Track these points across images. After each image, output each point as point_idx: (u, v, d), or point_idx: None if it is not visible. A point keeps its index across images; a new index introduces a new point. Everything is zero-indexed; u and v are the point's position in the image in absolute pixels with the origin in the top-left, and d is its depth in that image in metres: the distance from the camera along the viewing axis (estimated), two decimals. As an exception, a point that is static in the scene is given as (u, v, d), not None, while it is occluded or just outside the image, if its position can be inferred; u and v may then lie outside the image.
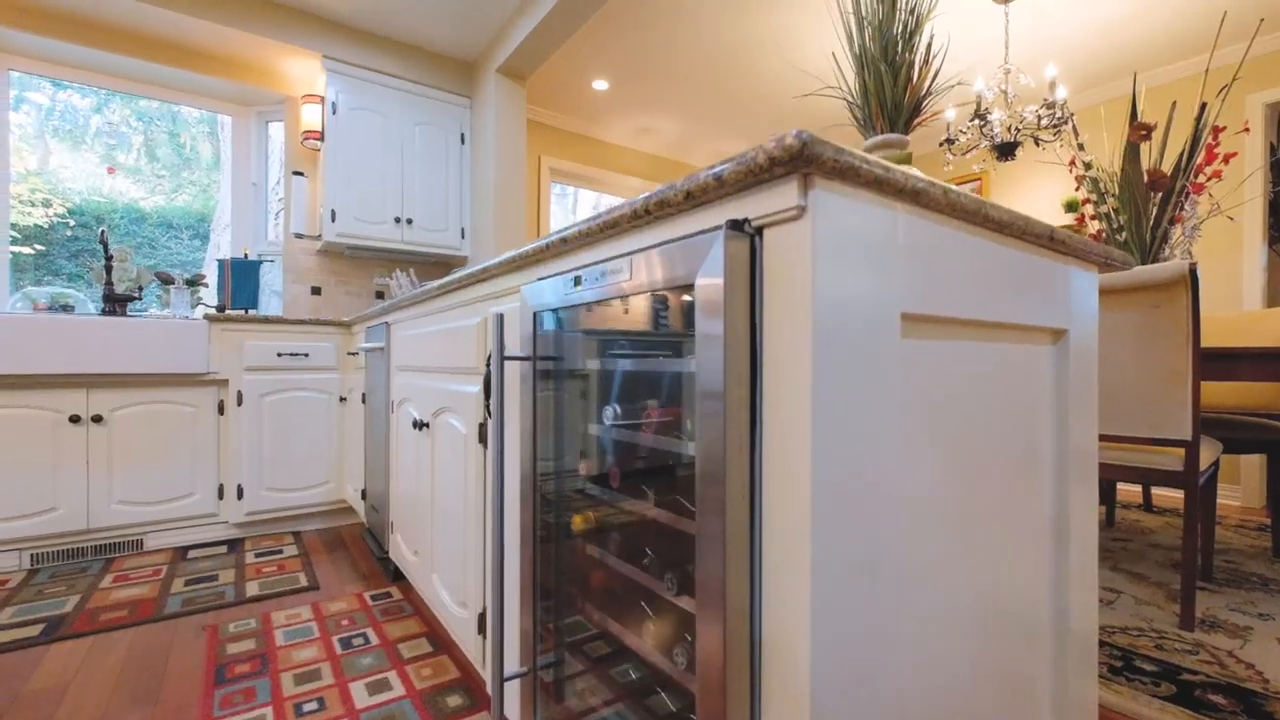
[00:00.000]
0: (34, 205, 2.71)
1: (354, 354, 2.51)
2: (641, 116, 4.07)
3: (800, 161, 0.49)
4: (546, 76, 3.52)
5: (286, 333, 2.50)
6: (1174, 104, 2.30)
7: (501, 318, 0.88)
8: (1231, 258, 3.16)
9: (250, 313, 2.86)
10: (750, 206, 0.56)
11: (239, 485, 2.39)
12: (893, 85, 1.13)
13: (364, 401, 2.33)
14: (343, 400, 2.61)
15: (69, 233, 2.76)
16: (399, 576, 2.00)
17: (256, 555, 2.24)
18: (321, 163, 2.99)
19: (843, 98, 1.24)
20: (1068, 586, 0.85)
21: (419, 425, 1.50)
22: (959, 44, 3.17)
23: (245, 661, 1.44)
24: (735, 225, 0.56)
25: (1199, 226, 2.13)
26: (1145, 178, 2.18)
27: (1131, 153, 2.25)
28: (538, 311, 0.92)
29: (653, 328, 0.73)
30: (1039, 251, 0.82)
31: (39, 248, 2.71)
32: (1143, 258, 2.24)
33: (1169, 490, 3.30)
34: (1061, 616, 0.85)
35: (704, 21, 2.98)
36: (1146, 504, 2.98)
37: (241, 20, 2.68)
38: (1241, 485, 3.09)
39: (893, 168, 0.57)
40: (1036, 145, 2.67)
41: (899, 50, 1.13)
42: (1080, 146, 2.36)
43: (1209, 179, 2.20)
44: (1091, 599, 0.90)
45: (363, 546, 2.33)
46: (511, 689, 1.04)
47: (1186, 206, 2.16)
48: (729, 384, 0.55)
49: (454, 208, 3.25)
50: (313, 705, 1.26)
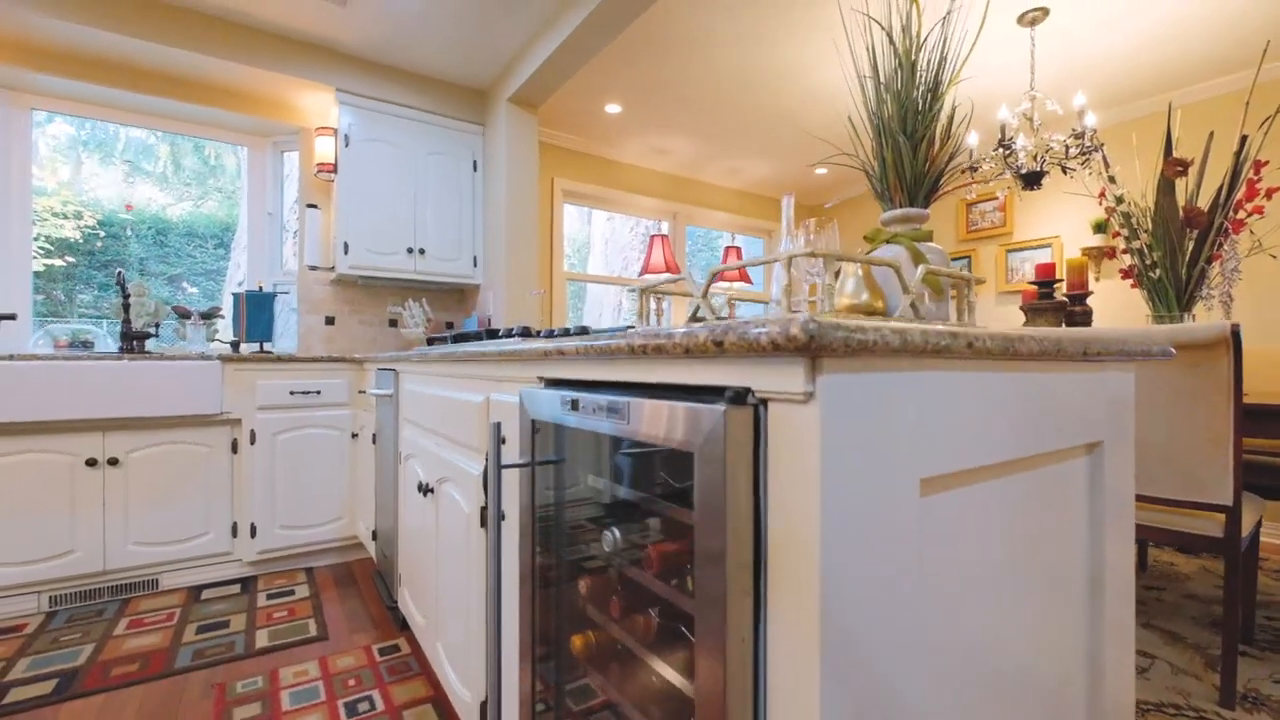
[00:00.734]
0: (65, 218, 2.78)
1: (365, 393, 2.50)
2: (655, 137, 4.03)
3: (808, 350, 0.45)
4: (558, 100, 3.50)
5: (299, 370, 2.50)
6: (1210, 135, 2.19)
7: (499, 427, 0.85)
8: (1274, 299, 3.02)
9: (266, 346, 2.88)
10: (754, 374, 0.52)
11: (252, 524, 2.40)
12: (912, 159, 1.07)
13: (374, 442, 2.33)
14: (354, 437, 2.61)
15: (99, 244, 2.83)
16: (408, 624, 1.98)
17: (268, 597, 2.24)
18: (334, 195, 3.00)
19: (859, 167, 1.18)
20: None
21: (424, 490, 1.48)
22: (980, 68, 3.08)
23: (250, 730, 1.43)
24: (738, 398, 0.52)
25: (1239, 267, 2.02)
26: (1181, 214, 2.08)
27: (1166, 186, 2.15)
28: (535, 420, 0.88)
29: (654, 468, 0.69)
30: (1073, 367, 0.77)
31: (70, 260, 2.77)
32: (1178, 296, 2.14)
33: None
34: (1096, 755, 0.79)
35: (718, 50, 2.93)
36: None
37: (256, 58, 2.70)
38: (1283, 523, 2.95)
39: (909, 330, 0.52)
40: (1064, 173, 2.57)
41: (919, 122, 1.07)
42: (1111, 179, 2.26)
43: (1249, 215, 2.10)
44: (1128, 729, 0.84)
45: (373, 589, 2.32)
46: (512, 794, 1.01)
47: (1225, 245, 2.05)
48: (730, 567, 0.51)
49: (466, 236, 3.24)
50: (314, 787, 1.24)
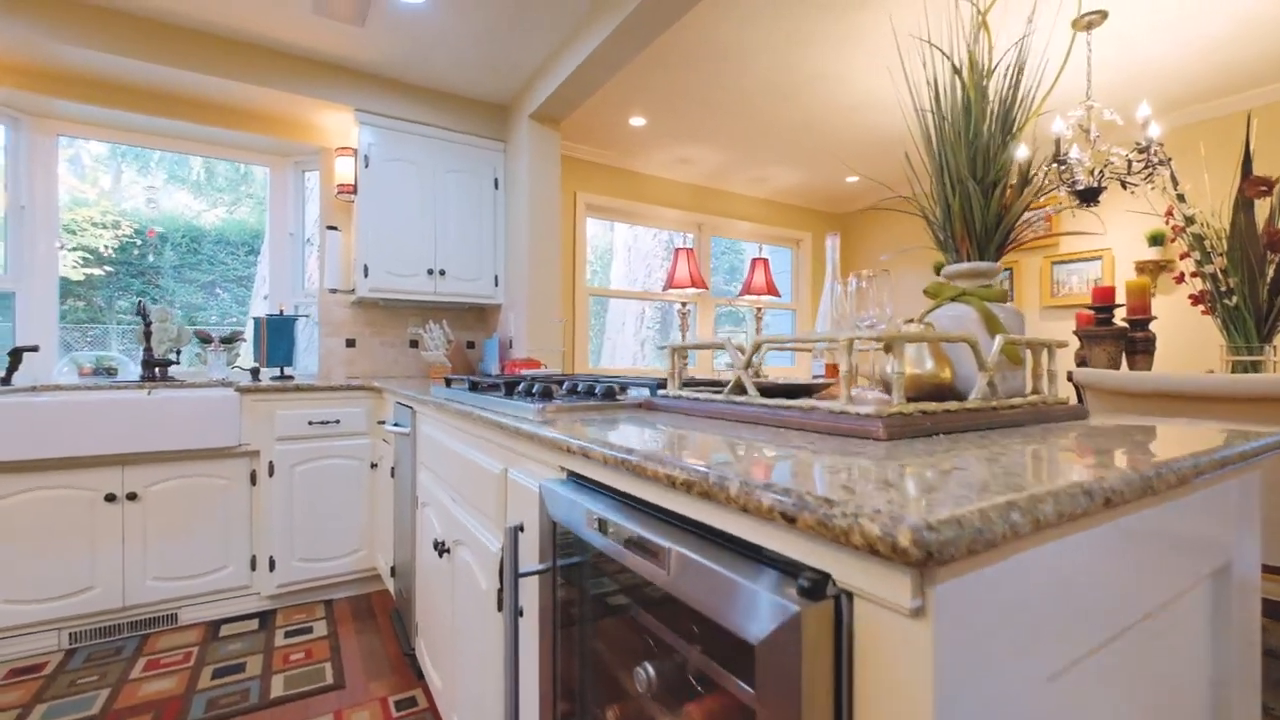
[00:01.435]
0: (104, 227, 2.82)
1: (384, 424, 2.44)
2: (680, 148, 3.91)
3: (920, 563, 0.34)
4: (581, 114, 3.40)
5: (317, 400, 2.45)
6: (1296, 148, 1.99)
7: (516, 534, 0.75)
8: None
9: (287, 371, 2.84)
10: (836, 559, 0.41)
11: (271, 557, 2.36)
12: (983, 207, 0.94)
13: (393, 475, 2.26)
14: (374, 467, 2.55)
15: (135, 252, 2.88)
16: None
17: (285, 635, 2.19)
18: (355, 216, 2.95)
19: (917, 211, 1.06)
20: None
21: (439, 549, 1.39)
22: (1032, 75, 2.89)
23: (260, 802, 1.36)
24: (815, 589, 0.41)
25: (1330, 295, 1.83)
26: (1263, 236, 1.90)
27: (1244, 204, 1.96)
28: (556, 522, 0.78)
29: (703, 618, 0.58)
30: (1195, 487, 0.63)
31: (108, 269, 2.82)
32: (1258, 326, 1.95)
33: None
34: None
35: (749, 59, 2.80)
36: None
37: (275, 80, 2.65)
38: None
39: (1041, 505, 0.40)
40: (1124, 188, 2.39)
41: (990, 165, 0.94)
42: (1180, 197, 2.08)
43: (1341, 237, 1.90)
44: None
45: (390, 627, 2.25)
46: None
47: (1314, 271, 1.86)
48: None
49: (487, 255, 3.17)
50: None
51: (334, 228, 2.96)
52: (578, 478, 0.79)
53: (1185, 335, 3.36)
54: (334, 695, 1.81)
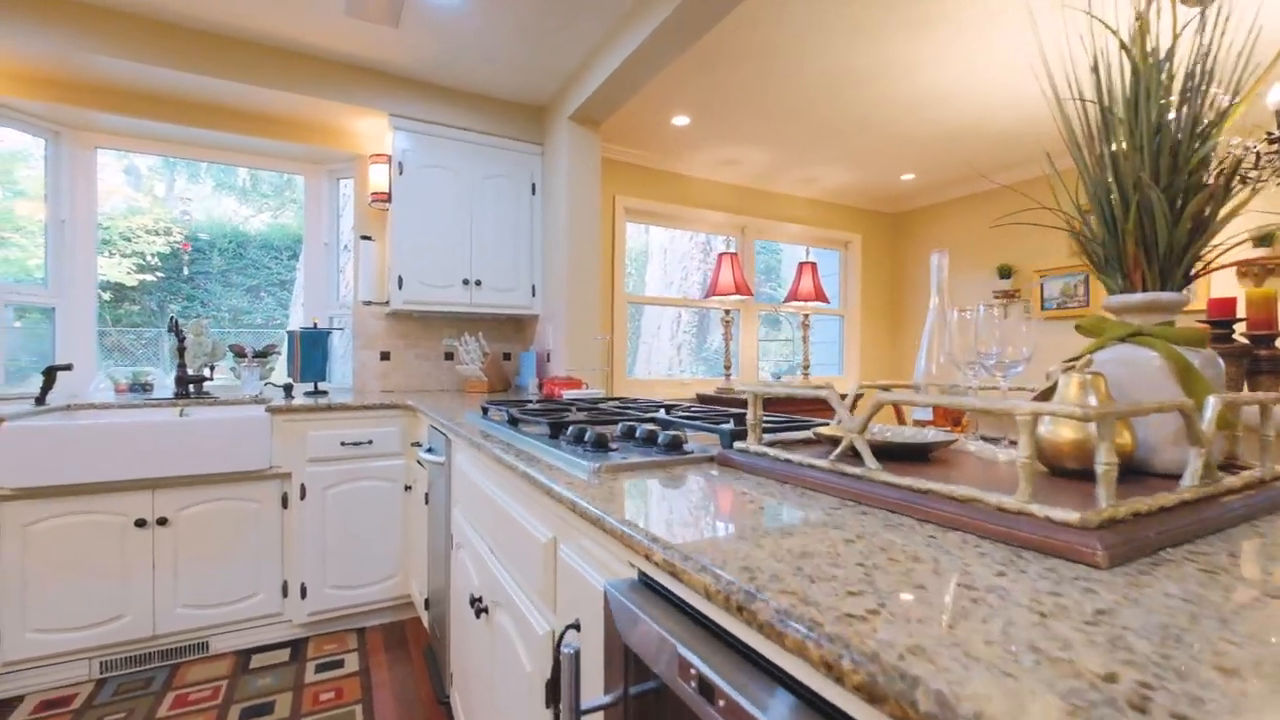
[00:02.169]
0: (157, 234, 2.87)
1: (418, 446, 2.32)
2: (725, 148, 3.71)
3: None
4: (621, 114, 3.23)
5: (349, 419, 2.34)
6: None
7: (575, 660, 0.57)
8: None
9: (320, 386, 2.75)
10: None
11: (302, 584, 2.26)
12: (1169, 222, 0.72)
13: (426, 502, 2.13)
14: (408, 489, 2.43)
15: (187, 258, 2.93)
16: None
17: (316, 669, 2.08)
18: (388, 226, 2.85)
19: (1066, 228, 0.84)
20: None
21: (476, 605, 1.24)
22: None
23: None
24: None
25: None
26: None
27: None
28: (628, 646, 0.60)
29: None
30: None
31: (160, 275, 2.86)
32: None
33: None
34: None
35: (806, 53, 2.58)
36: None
37: (308, 86, 2.56)
38: None
39: None
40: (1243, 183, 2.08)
41: (1182, 165, 0.72)
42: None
43: None
44: None
45: (424, 666, 2.12)
46: None
47: None
48: None
49: (524, 264, 3.03)
50: None
51: (368, 237, 2.87)
52: (655, 590, 0.61)
53: (1299, 347, 2.98)
54: (364, 746, 1.68)
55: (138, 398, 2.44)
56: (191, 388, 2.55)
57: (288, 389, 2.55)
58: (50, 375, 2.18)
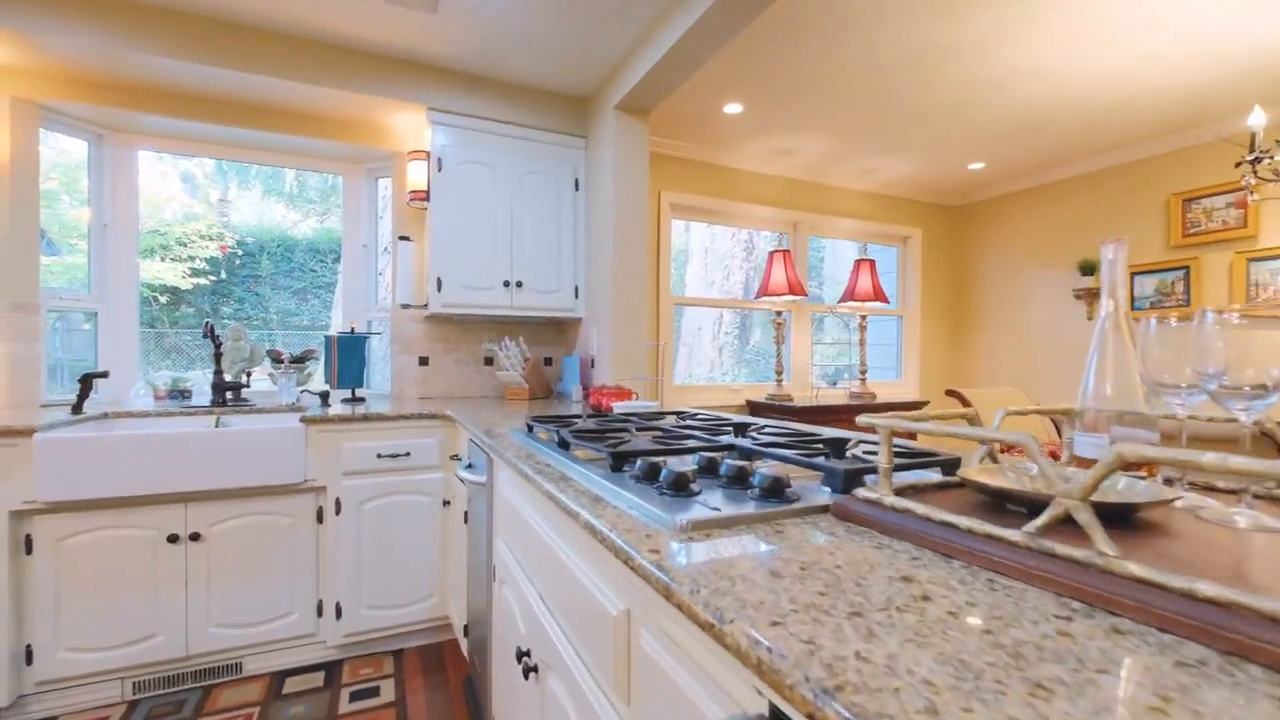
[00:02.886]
0: (210, 239, 2.92)
1: (456, 459, 2.17)
2: (779, 138, 3.47)
3: None
4: (668, 104, 3.03)
5: (386, 430, 2.22)
6: None
7: None
8: None
9: (358, 393, 2.65)
10: None
11: (337, 604, 2.14)
12: None
13: (466, 520, 1.98)
14: (446, 504, 2.29)
15: (238, 262, 2.96)
16: (502, 770, 1.60)
17: (351, 697, 1.95)
18: (427, 225, 2.72)
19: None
20: None
21: (523, 660, 1.06)
22: (1263, 7, 2.26)
23: None
24: None
25: None
26: None
27: None
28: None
29: None
30: None
31: (213, 279, 2.91)
32: None
33: None
34: None
35: (880, 29, 2.33)
36: None
37: (345, 80, 2.45)
38: None
39: None
40: None
41: None
42: None
43: None
44: None
45: (463, 700, 1.97)
46: None
47: None
48: None
49: (567, 264, 2.87)
50: None
51: (406, 238, 2.75)
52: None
53: None
54: (398, 794, 1.53)
55: (175, 405, 2.38)
56: (228, 395, 2.48)
57: (324, 397, 2.45)
58: (86, 383, 2.12)
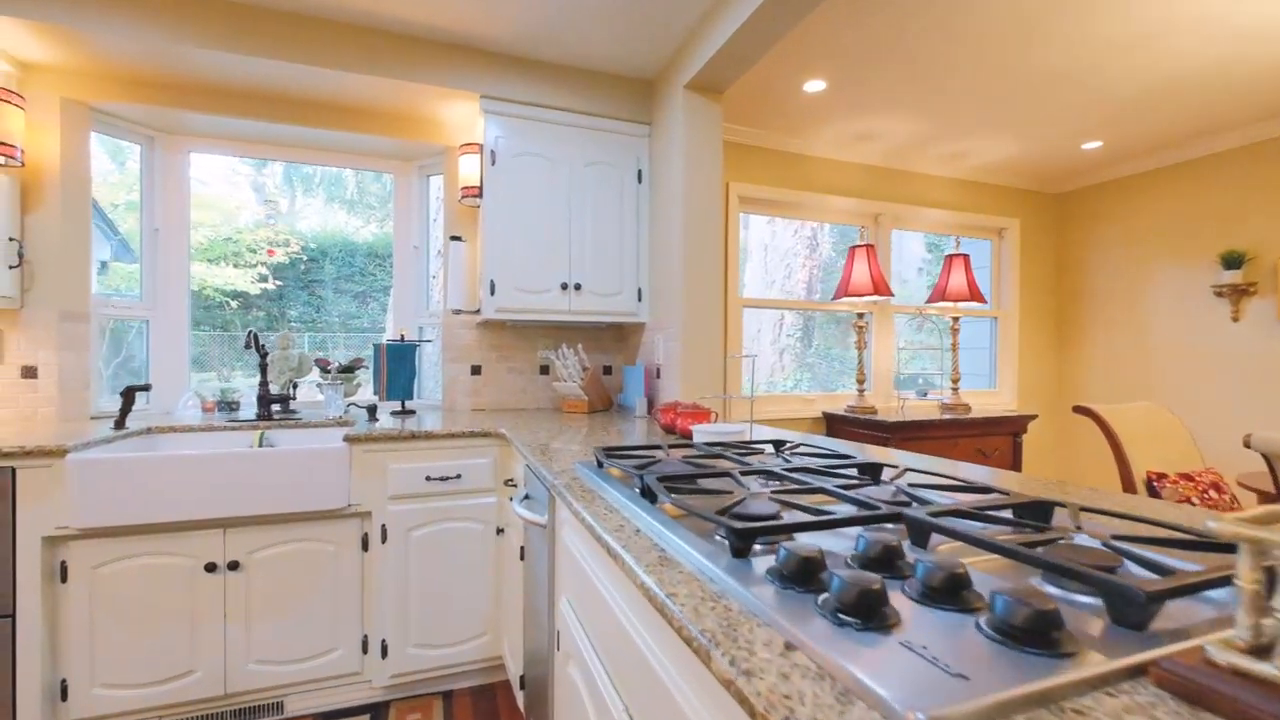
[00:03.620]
0: (277, 246, 2.94)
1: (512, 483, 1.94)
2: (862, 119, 3.10)
3: None
4: (741, 84, 2.72)
5: (435, 450, 2.01)
6: None
7: None
8: None
9: (407, 405, 2.47)
10: None
11: (383, 641, 1.95)
12: None
13: (521, 558, 1.74)
14: (500, 532, 2.07)
15: (303, 268, 2.96)
16: None
17: (396, 751, 1.75)
18: (480, 223, 2.52)
19: None
20: None
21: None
22: None
23: None
24: None
25: None
26: None
27: None
28: None
29: None
30: None
31: (278, 283, 2.93)
32: None
33: None
34: None
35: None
36: None
37: (398, 68, 2.27)
38: None
39: None
40: None
41: None
42: None
43: None
44: None
45: (520, 758, 1.73)
46: None
47: None
48: None
49: (629, 263, 2.61)
50: None
51: (458, 238, 2.55)
52: None
53: None
54: None
55: (221, 417, 2.25)
56: (274, 407, 2.34)
57: (371, 411, 2.27)
58: (129, 396, 2.00)
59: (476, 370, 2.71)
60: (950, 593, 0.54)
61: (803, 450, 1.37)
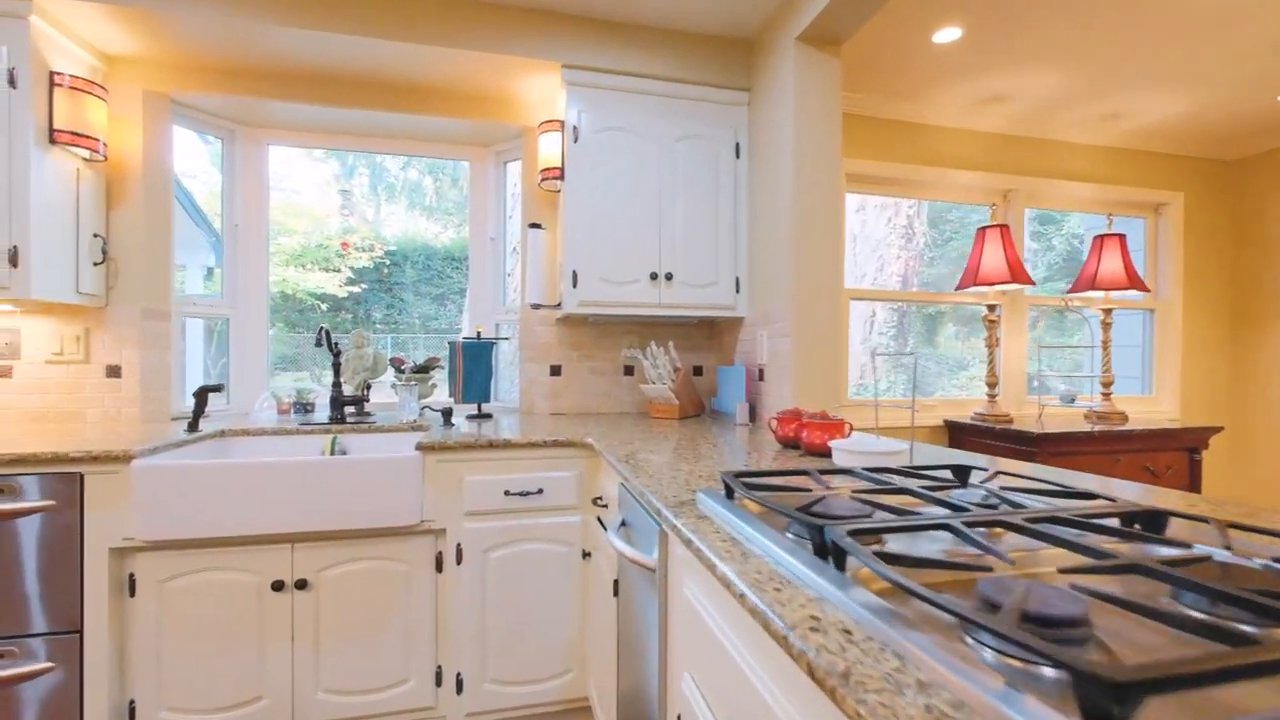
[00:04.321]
0: (363, 250, 3.05)
1: (600, 501, 1.68)
2: (996, 77, 2.63)
3: None
4: (858, 38, 2.34)
5: (514, 460, 1.78)
6: None
7: None
8: None
9: (484, 408, 2.27)
10: None
11: (458, 674, 1.74)
12: None
13: (615, 593, 1.47)
14: (586, 556, 1.82)
15: (386, 270, 3.07)
16: None
17: (472, 807, 1.52)
18: (561, 207, 2.28)
19: None
20: None
21: None
22: None
23: None
24: None
25: None
26: None
27: None
28: None
29: None
30: None
31: (362, 286, 3.04)
32: None
33: None
34: None
35: None
36: None
37: (471, 39, 2.07)
38: None
39: None
40: None
41: None
42: None
43: None
44: None
45: (613, 833, 1.46)
46: None
47: None
48: None
49: (726, 250, 2.29)
50: None
51: (537, 225, 2.33)
52: None
53: None
54: None
55: (296, 420, 2.14)
56: (349, 409, 2.21)
57: (447, 414, 2.08)
58: (202, 397, 1.90)
59: (556, 370, 2.48)
60: None
61: (1005, 482, 1.01)
